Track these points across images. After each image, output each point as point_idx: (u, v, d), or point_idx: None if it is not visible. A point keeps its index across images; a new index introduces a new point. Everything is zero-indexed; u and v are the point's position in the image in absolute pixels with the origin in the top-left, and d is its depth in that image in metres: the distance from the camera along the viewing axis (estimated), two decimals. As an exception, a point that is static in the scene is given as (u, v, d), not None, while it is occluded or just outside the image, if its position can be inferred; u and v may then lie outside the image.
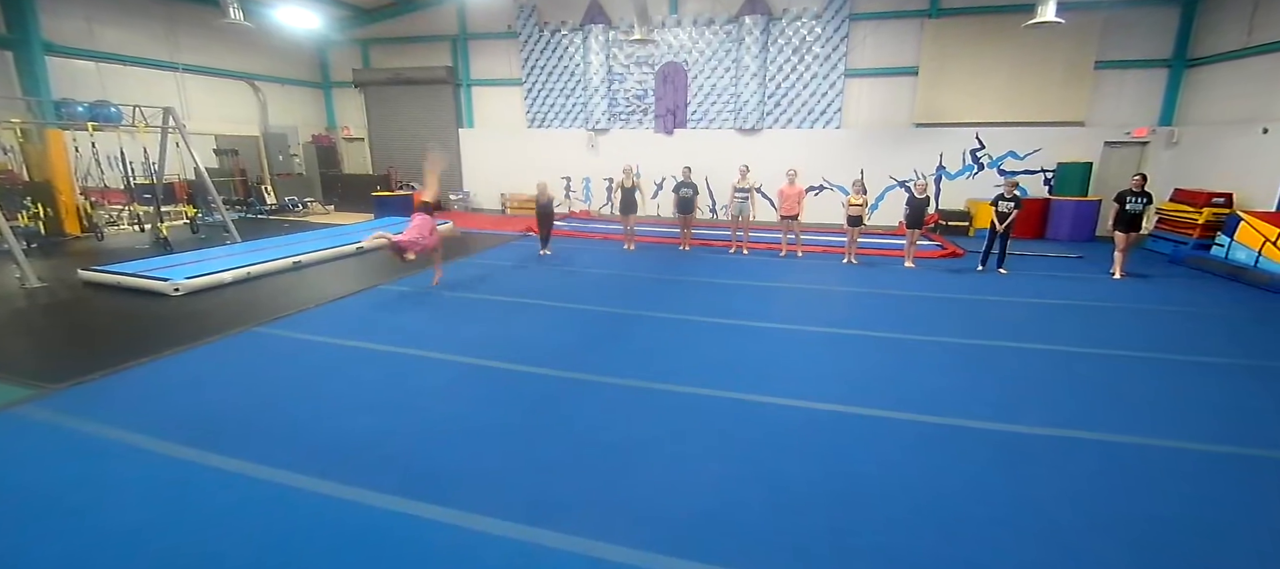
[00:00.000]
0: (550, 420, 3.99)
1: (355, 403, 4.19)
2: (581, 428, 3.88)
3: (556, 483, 3.22)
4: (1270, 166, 9.38)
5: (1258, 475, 3.39)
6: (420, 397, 4.32)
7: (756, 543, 2.76)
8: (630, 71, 14.48)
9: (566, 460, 3.47)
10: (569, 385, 4.56)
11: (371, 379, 4.64)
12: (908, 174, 13.50)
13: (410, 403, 4.21)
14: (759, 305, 6.96)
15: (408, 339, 5.59)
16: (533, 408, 4.17)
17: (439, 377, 4.70)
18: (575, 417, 4.04)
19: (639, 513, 2.97)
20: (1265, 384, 4.73)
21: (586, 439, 3.72)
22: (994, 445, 3.70)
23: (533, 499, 3.06)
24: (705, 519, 2.93)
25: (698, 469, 3.40)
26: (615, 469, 3.39)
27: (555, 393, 4.42)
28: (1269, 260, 8.12)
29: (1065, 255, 10.35)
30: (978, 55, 12.46)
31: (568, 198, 15.84)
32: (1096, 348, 5.57)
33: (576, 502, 3.06)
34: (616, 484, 3.23)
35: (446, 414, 4.04)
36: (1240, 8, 10.39)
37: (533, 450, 3.58)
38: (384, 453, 3.51)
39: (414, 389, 4.45)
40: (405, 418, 3.97)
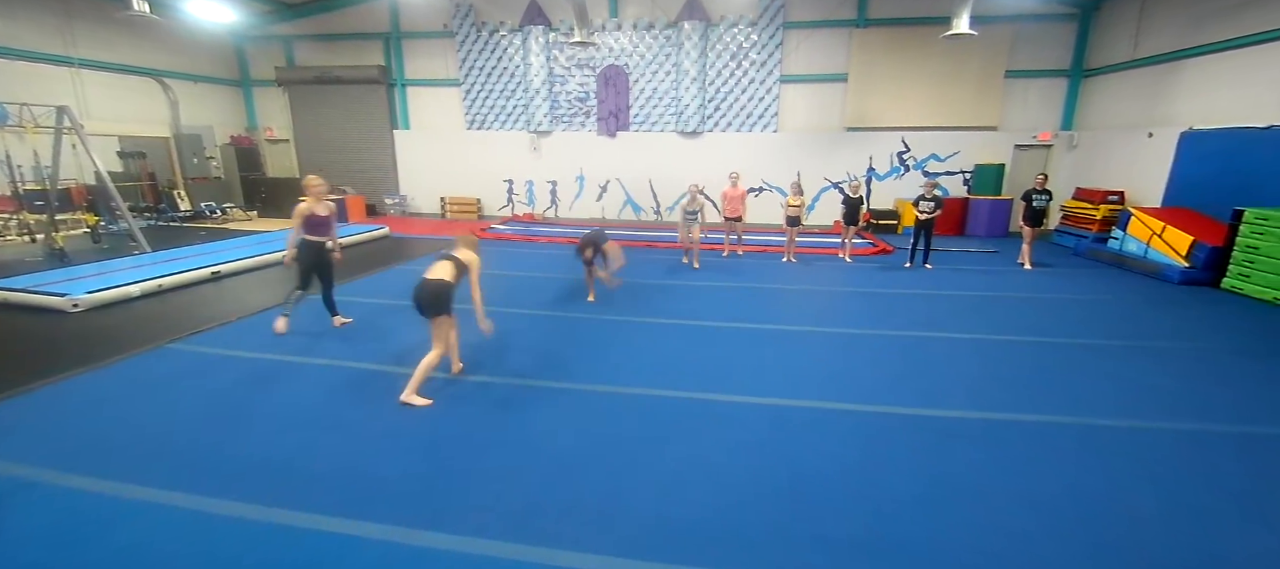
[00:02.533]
0: (495, 429, 3.91)
1: (284, 420, 3.97)
2: (532, 435, 3.82)
3: (507, 491, 3.16)
4: (1156, 167, 10.42)
5: (1156, 445, 3.75)
6: (354, 410, 4.13)
7: (706, 540, 2.81)
8: (572, 74, 14.42)
9: (515, 467, 3.41)
10: (517, 392, 4.48)
11: (300, 395, 4.39)
12: (841, 175, 14.11)
13: (342, 417, 4.02)
14: (702, 305, 7.08)
15: (342, 351, 5.33)
16: (477, 417, 4.07)
17: (374, 389, 4.51)
18: (527, 424, 3.98)
19: (587, 518, 2.96)
20: (1158, 362, 5.24)
21: (534, 447, 3.68)
22: (923, 431, 3.92)
23: (480, 506, 2.99)
24: (657, 522, 2.96)
25: (645, 471, 3.43)
26: (563, 475, 3.36)
27: (504, 399, 4.34)
28: (1156, 251, 9.00)
29: (983, 250, 11.11)
30: (902, 64, 13.18)
31: (511, 202, 15.58)
32: (1011, 335, 6.01)
33: (527, 509, 3.01)
34: (564, 490, 3.21)
35: (381, 429, 3.88)
36: (1127, 25, 11.50)
37: (480, 460, 3.50)
38: (313, 471, 3.34)
39: (347, 402, 4.25)
40: (336, 434, 3.79)
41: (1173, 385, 4.75)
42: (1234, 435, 3.89)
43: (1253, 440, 3.83)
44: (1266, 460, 3.58)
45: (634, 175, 14.85)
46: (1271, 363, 5.29)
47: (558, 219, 15.23)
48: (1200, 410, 4.28)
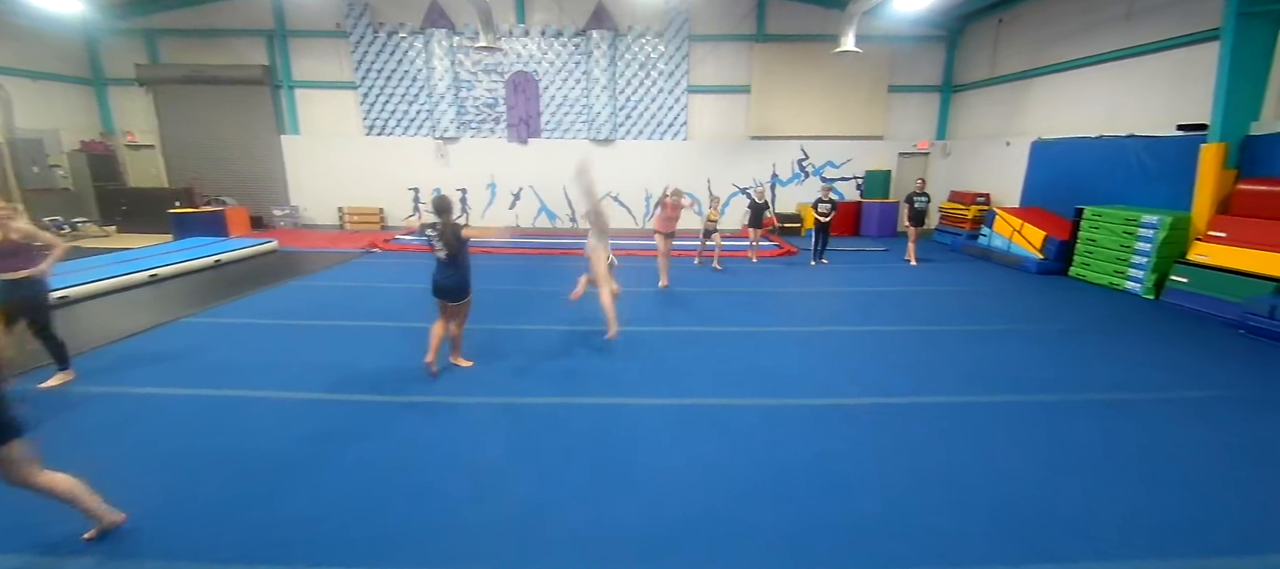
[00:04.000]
0: (409, 447, 3.68)
1: (152, 459, 3.51)
2: (448, 452, 3.64)
3: (416, 513, 2.98)
4: (1014, 171, 11.80)
5: (1031, 415, 4.22)
6: (244, 439, 3.74)
7: (616, 539, 2.81)
8: (479, 79, 14.03)
9: (426, 488, 3.23)
10: (411, 410, 4.26)
11: (176, 428, 3.91)
12: (748, 181, 14.77)
13: (230, 450, 3.62)
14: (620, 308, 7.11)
15: (232, 376, 4.82)
16: (403, 437, 3.82)
17: (267, 417, 4.11)
18: (445, 440, 3.78)
19: (492, 542, 2.86)
20: (1024, 343, 5.91)
21: (452, 463, 3.50)
22: (824, 419, 4.17)
23: (380, 536, 2.80)
24: (575, 530, 2.91)
25: (559, 479, 3.37)
26: (474, 494, 3.23)
27: (419, 414, 4.10)
28: (1017, 245, 10.19)
29: (874, 248, 12.04)
30: (799, 77, 14.04)
31: (418, 211, 14.85)
32: (899, 325, 6.56)
33: (441, 526, 2.86)
34: (473, 510, 3.08)
35: (273, 456, 3.54)
36: (985, 48, 12.98)
37: (403, 478, 3.28)
38: (188, 514, 2.98)
39: (238, 432, 3.84)
40: (222, 469, 3.41)
41: (1037, 362, 5.38)
42: (1086, 402, 4.47)
43: (1103, 405, 4.42)
44: (1116, 423, 4.14)
45: (548, 183, 14.67)
46: (1113, 337, 6.15)
47: (469, 228, 14.69)
48: (1059, 383, 4.88)
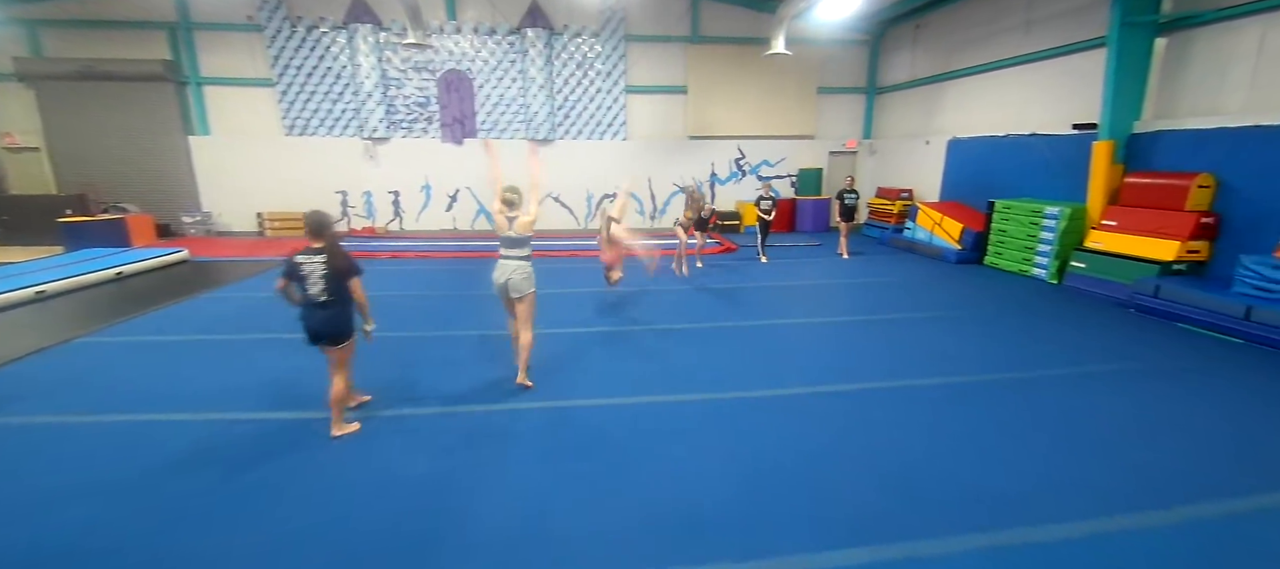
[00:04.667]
0: (338, 465, 3.49)
1: (52, 491, 3.15)
2: (377, 468, 3.47)
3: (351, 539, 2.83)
4: (933, 168, 12.55)
5: (959, 396, 4.48)
6: (148, 475, 3.42)
7: (568, 539, 2.77)
8: (409, 77, 13.49)
9: (344, 515, 3.07)
10: (311, 427, 4.04)
11: (76, 459, 3.53)
12: (688, 180, 14.96)
13: (138, 484, 3.31)
14: (566, 311, 7.03)
15: (131, 400, 4.40)
16: (336, 457, 3.60)
17: (172, 446, 3.78)
18: (374, 456, 3.60)
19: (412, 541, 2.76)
20: (946, 328, 6.29)
21: (379, 480, 3.34)
22: (765, 410, 4.28)
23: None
24: (528, 536, 2.85)
25: (518, 483, 3.30)
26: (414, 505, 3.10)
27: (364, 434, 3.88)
28: (938, 237, 10.84)
29: (809, 243, 12.50)
30: (733, 78, 14.36)
31: (346, 215, 14.12)
32: (834, 316, 6.83)
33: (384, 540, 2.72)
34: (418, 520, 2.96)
35: (177, 490, 3.26)
36: (904, 52, 13.74)
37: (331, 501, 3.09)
38: (99, 546, 2.70)
39: (144, 466, 3.51)
40: (131, 501, 3.11)
41: (957, 346, 5.74)
42: (1000, 382, 4.80)
43: (1016, 383, 4.76)
44: (1028, 398, 4.47)
45: (485, 184, 14.31)
46: (1022, 320, 6.64)
47: (404, 232, 14.14)
48: (976, 365, 5.22)
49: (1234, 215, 6.97)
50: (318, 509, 3.03)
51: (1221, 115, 7.14)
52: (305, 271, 3.59)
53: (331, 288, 3.62)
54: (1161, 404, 4.37)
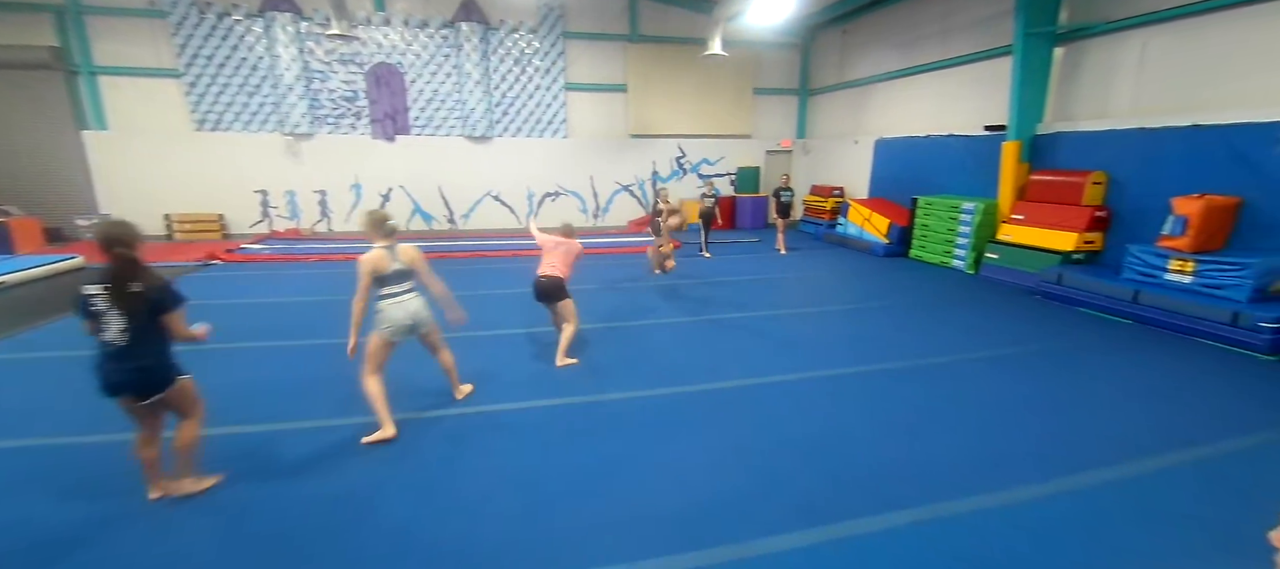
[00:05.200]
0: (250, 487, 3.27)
1: None
2: (347, 487, 3.28)
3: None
4: (862, 167, 13.17)
5: (886, 382, 4.71)
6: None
7: (512, 542, 2.72)
8: (334, 70, 12.81)
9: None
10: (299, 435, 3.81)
11: None
12: (630, 179, 15.02)
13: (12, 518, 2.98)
14: (502, 312, 6.90)
15: (11, 424, 3.95)
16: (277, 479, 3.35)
17: (59, 474, 3.43)
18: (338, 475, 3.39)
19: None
20: (875, 319, 6.61)
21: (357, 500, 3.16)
22: (701, 404, 4.37)
23: None
24: (505, 543, 2.77)
25: (465, 490, 3.20)
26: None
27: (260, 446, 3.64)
28: (868, 232, 11.38)
29: (748, 240, 12.82)
30: (673, 77, 14.52)
31: (268, 216, 13.26)
32: (772, 310, 7.04)
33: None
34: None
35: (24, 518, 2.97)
36: (833, 55, 14.33)
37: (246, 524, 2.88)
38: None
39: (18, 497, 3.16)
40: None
41: (887, 334, 6.05)
42: (921, 367, 5.10)
43: (935, 368, 5.06)
44: (946, 382, 4.76)
45: (421, 182, 13.82)
46: (943, 309, 7.08)
47: (332, 233, 13.43)
48: (904, 351, 5.51)
49: (1123, 209, 7.70)
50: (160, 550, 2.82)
51: (1110, 118, 7.87)
52: (98, 307, 2.64)
53: (137, 329, 2.68)
54: (1062, 382, 4.77)
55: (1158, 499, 3.12)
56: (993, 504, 3.05)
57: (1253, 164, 6.24)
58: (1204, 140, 6.69)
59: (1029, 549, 2.71)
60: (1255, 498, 3.06)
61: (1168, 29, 7.13)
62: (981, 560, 2.64)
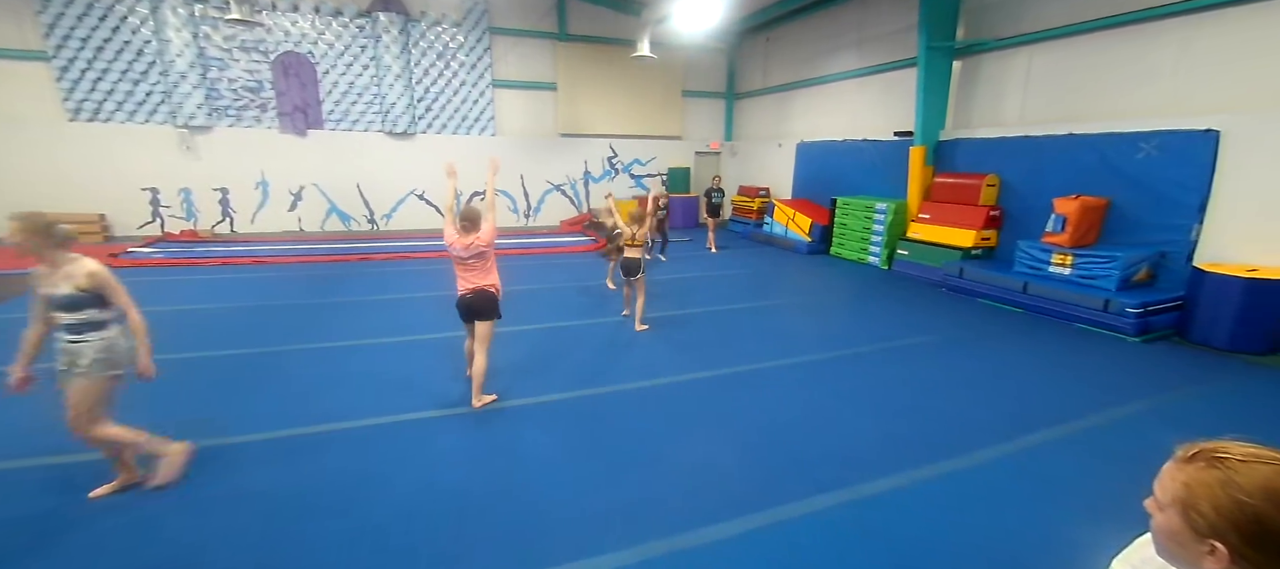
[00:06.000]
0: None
1: None
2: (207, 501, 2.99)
3: None
4: (786, 168, 13.72)
5: (806, 373, 4.91)
6: None
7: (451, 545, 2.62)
8: (235, 58, 11.81)
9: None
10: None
11: None
12: (561, 179, 14.86)
13: None
14: (414, 316, 6.63)
15: None
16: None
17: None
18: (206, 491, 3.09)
19: None
20: (797, 314, 6.90)
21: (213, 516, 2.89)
22: (630, 402, 4.39)
23: None
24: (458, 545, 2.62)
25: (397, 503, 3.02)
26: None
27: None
28: (792, 231, 11.87)
29: (680, 239, 13.02)
30: (603, 77, 14.51)
31: (159, 217, 12.03)
32: (704, 306, 7.19)
33: None
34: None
35: None
36: (757, 61, 14.84)
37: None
38: None
39: None
40: None
41: (806, 328, 6.33)
42: (842, 357, 5.37)
43: (853, 357, 5.35)
44: (861, 370, 5.05)
45: (337, 180, 13.01)
46: (860, 302, 7.51)
47: (236, 235, 12.38)
48: (823, 343, 5.79)
49: (1014, 208, 8.47)
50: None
51: (1002, 126, 8.64)
52: None
53: None
54: (965, 368, 5.18)
55: (1048, 469, 3.45)
56: (909, 482, 3.26)
57: (1119, 169, 7.05)
58: (1079, 148, 7.49)
59: (942, 522, 2.92)
60: (1127, 462, 3.45)
61: (1048, 48, 7.93)
62: (900, 536, 2.81)
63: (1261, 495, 0.71)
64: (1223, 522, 0.74)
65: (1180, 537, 0.79)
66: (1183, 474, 0.79)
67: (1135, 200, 6.92)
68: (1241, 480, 0.73)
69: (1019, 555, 2.69)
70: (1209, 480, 0.75)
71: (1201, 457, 0.78)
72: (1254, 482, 0.72)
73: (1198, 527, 0.76)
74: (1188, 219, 6.42)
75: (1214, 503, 0.74)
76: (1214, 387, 4.83)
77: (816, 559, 2.64)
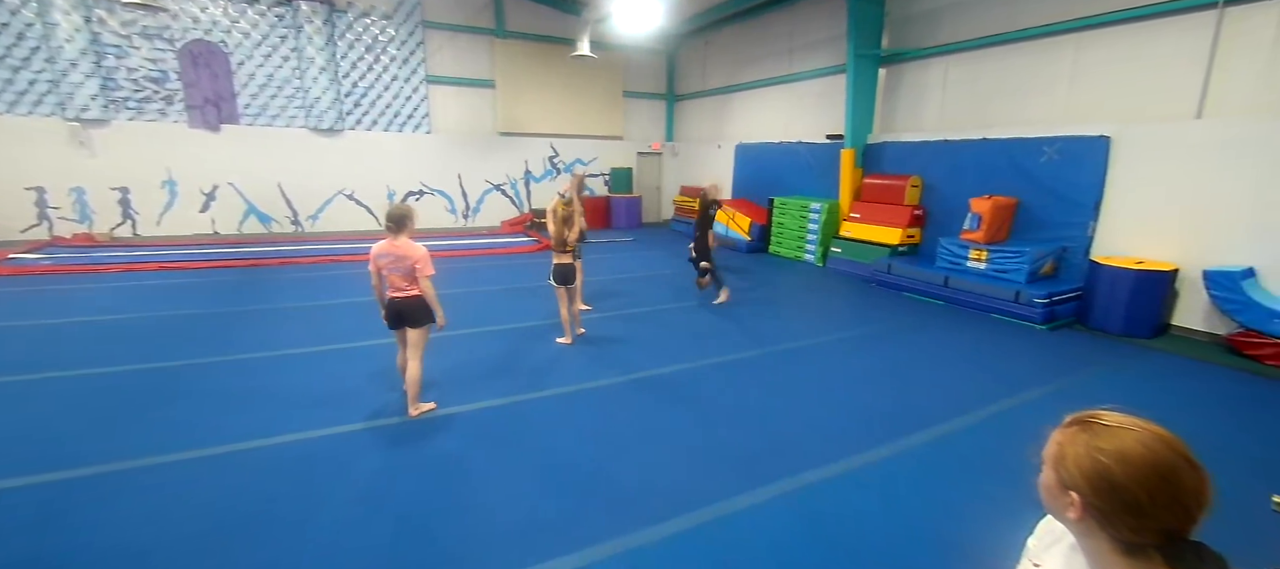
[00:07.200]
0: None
1: None
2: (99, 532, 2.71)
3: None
4: (726, 169, 14.01)
5: (743, 369, 5.02)
6: None
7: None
8: (135, 45, 10.81)
9: None
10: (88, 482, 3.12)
11: None
12: (501, 178, 14.54)
13: None
14: (347, 323, 6.32)
15: None
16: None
17: None
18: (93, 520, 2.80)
19: None
20: (736, 311, 7.05)
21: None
22: (570, 405, 4.36)
23: None
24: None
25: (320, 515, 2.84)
26: (168, 566, 2.49)
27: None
28: (733, 230, 12.14)
29: (624, 239, 13.05)
30: (543, 76, 14.31)
31: (47, 220, 10.84)
32: (647, 306, 7.23)
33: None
34: None
35: None
36: (696, 64, 15.09)
37: None
38: None
39: None
40: None
41: (744, 324, 6.48)
42: (778, 352, 5.54)
43: (789, 353, 5.53)
44: (797, 364, 5.22)
45: (256, 179, 12.16)
46: (796, 298, 7.77)
47: (139, 239, 11.35)
48: (760, 339, 5.95)
49: (935, 208, 9.01)
50: None
51: (923, 131, 9.17)
52: None
53: None
54: (893, 358, 5.46)
55: (968, 450, 3.68)
56: (843, 470, 3.39)
57: (1026, 171, 7.63)
58: (991, 151, 8.06)
59: (875, 507, 3.06)
60: (1035, 439, 3.72)
61: (962, 59, 8.49)
62: (837, 522, 2.92)
63: (1115, 455, 0.81)
64: (1080, 476, 0.84)
65: (1052, 488, 0.90)
66: (1061, 436, 0.90)
67: (1041, 200, 7.52)
68: (1102, 443, 0.83)
69: (943, 530, 2.86)
70: (1078, 441, 0.86)
71: (1078, 422, 0.89)
72: (1113, 444, 0.82)
73: (1063, 479, 0.87)
74: (1085, 217, 7.04)
75: (1077, 459, 0.85)
76: (1109, 368, 5.32)
77: (760, 549, 2.70)
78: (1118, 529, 0.82)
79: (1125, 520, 0.81)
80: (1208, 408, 4.46)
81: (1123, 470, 0.80)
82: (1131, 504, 0.80)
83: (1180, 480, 0.79)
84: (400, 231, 3.74)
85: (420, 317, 3.85)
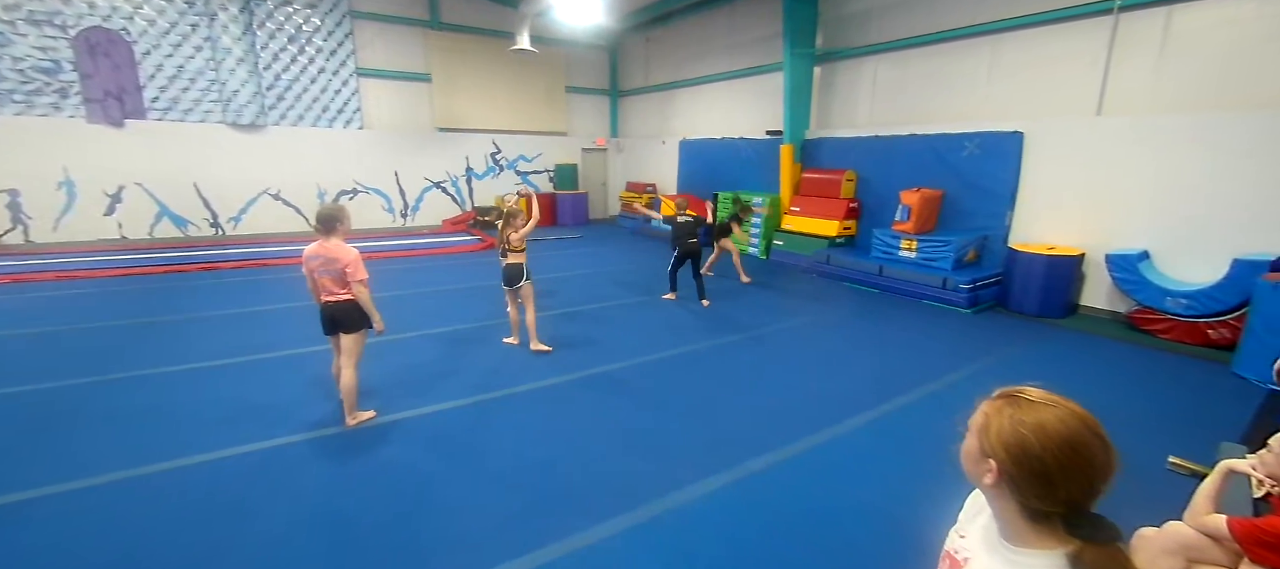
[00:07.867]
0: None
1: None
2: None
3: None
4: (670, 164, 14.13)
5: (693, 361, 5.07)
6: None
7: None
8: (21, 32, 9.75)
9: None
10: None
11: None
12: (441, 175, 14.07)
13: None
14: (291, 330, 5.97)
15: None
16: None
17: None
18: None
19: None
20: (683, 305, 7.12)
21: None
22: (530, 404, 4.30)
23: None
24: None
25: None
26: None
27: None
28: (676, 227, 12.25)
29: (572, 236, 12.93)
30: (482, 70, 13.93)
31: (-88, 225, 9.62)
32: (596, 303, 7.19)
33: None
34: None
35: None
36: (639, 60, 15.11)
37: None
38: None
39: None
40: None
41: (692, 318, 6.56)
42: (726, 344, 5.64)
43: (736, 344, 5.64)
44: (744, 354, 5.33)
45: (168, 179, 11.23)
46: (741, 291, 7.92)
47: (33, 246, 10.27)
48: (707, 332, 6.04)
49: (869, 200, 9.41)
50: None
51: (856, 127, 9.55)
52: None
53: None
54: (832, 345, 5.68)
55: (903, 429, 3.87)
56: (788, 455, 3.49)
57: (950, 165, 8.09)
58: (918, 146, 8.49)
59: (817, 489, 3.16)
60: (964, 415, 3.96)
61: (890, 58, 8.89)
62: (782, 505, 3.00)
63: (1034, 428, 0.86)
64: (1000, 445, 0.89)
65: (972, 454, 0.96)
66: (988, 408, 0.95)
67: (964, 191, 7.99)
68: (1024, 416, 0.88)
69: (881, 505, 3.00)
70: (1002, 412, 0.91)
71: (1005, 396, 0.94)
72: (1034, 418, 0.87)
73: (984, 447, 0.92)
74: (1003, 207, 7.54)
75: (999, 430, 0.90)
76: (1027, 347, 5.73)
77: (710, 537, 2.74)
78: (1026, 497, 0.87)
79: (1034, 488, 0.86)
80: (1111, 378, 4.88)
81: (1039, 442, 0.85)
82: (1042, 474, 0.85)
83: (1091, 456, 0.84)
84: (331, 233, 3.55)
85: (353, 321, 3.66)
